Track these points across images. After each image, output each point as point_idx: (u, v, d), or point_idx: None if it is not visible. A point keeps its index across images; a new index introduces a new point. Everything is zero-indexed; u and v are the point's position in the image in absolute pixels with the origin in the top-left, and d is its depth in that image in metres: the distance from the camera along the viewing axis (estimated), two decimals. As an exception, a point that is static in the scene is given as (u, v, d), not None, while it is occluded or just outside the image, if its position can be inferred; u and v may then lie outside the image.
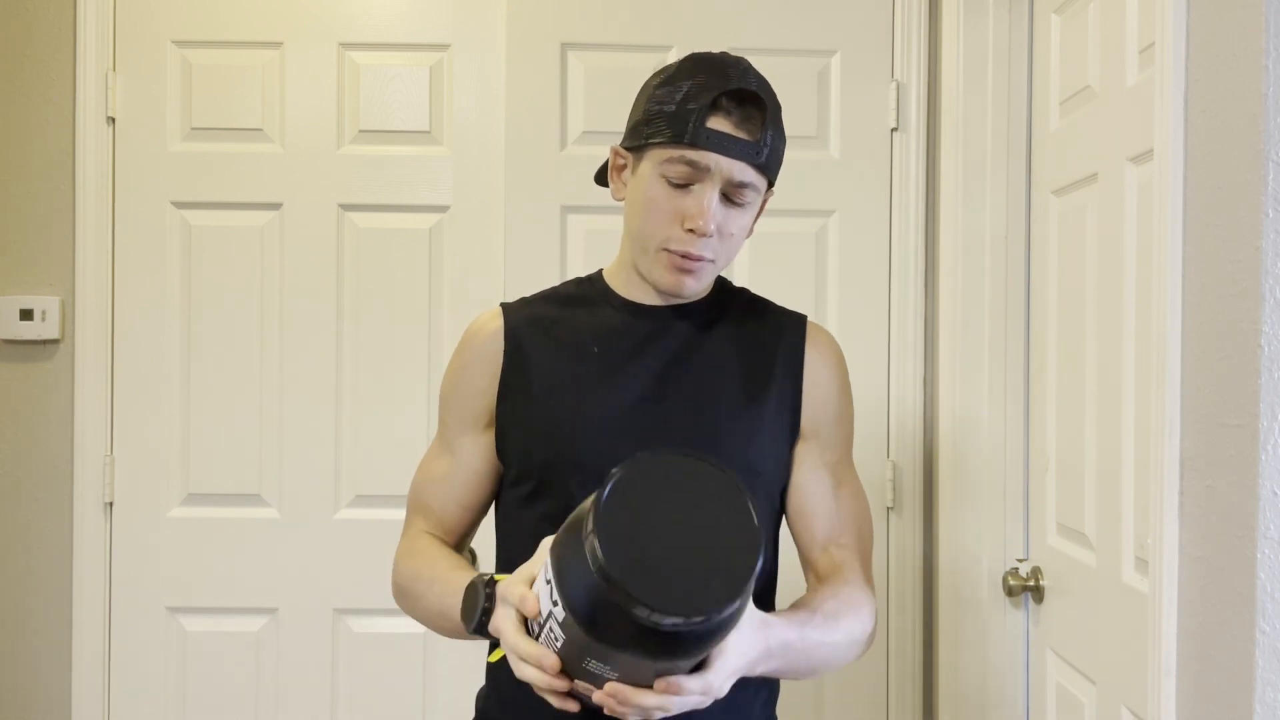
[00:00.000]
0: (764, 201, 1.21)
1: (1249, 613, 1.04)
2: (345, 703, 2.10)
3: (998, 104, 1.95)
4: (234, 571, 2.10)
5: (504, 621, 0.95)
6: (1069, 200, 1.77)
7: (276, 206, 2.11)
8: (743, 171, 1.13)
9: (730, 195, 1.14)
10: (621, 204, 1.23)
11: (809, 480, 1.24)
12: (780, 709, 1.22)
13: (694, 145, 1.12)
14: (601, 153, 2.06)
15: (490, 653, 1.12)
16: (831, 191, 2.12)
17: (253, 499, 2.11)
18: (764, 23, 2.11)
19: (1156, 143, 1.21)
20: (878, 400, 2.12)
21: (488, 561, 1.28)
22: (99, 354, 2.09)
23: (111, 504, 2.10)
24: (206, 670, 2.10)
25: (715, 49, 2.11)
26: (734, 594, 0.82)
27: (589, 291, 1.27)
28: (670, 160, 1.13)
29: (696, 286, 1.19)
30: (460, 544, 1.29)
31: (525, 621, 0.94)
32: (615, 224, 2.12)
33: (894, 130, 2.12)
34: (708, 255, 1.15)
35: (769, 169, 1.16)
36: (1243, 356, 1.05)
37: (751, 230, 1.21)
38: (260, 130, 2.11)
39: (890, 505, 2.12)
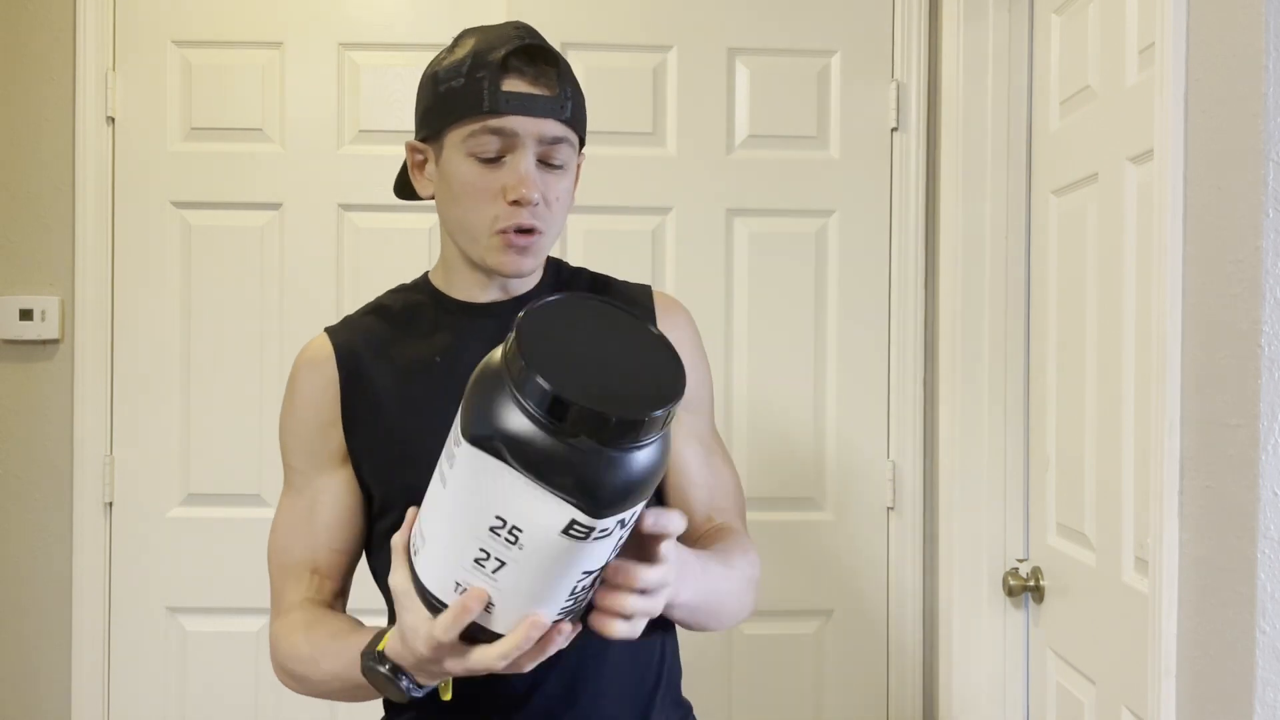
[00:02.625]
0: (578, 166, 1.16)
1: (1249, 613, 1.04)
2: (345, 703, 2.10)
3: (998, 104, 1.95)
4: (234, 571, 2.10)
5: (444, 658, 0.86)
6: (1069, 200, 1.77)
7: (276, 206, 2.11)
8: (554, 128, 1.08)
9: (545, 158, 1.09)
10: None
11: (682, 452, 1.18)
12: (780, 708, 1.22)
13: (495, 112, 1.05)
14: (602, 152, 2.07)
15: (442, 692, 1.00)
16: (831, 191, 2.12)
17: (253, 499, 2.11)
18: (764, 23, 2.11)
19: (1156, 143, 1.21)
20: (878, 400, 2.12)
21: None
22: (99, 354, 2.09)
23: (111, 504, 2.10)
24: (206, 670, 2.10)
25: (716, 49, 2.14)
26: (675, 394, 0.79)
27: (418, 299, 1.19)
28: (474, 134, 1.06)
29: (533, 264, 1.12)
30: (344, 588, 1.19)
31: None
32: (616, 223, 2.13)
33: (894, 130, 2.12)
34: (539, 225, 1.09)
35: (576, 123, 1.11)
36: (1243, 356, 1.05)
37: (572, 200, 1.15)
38: (260, 130, 2.11)
39: (890, 505, 2.12)
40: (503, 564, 0.81)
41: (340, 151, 2.12)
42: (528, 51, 1.08)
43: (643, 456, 0.79)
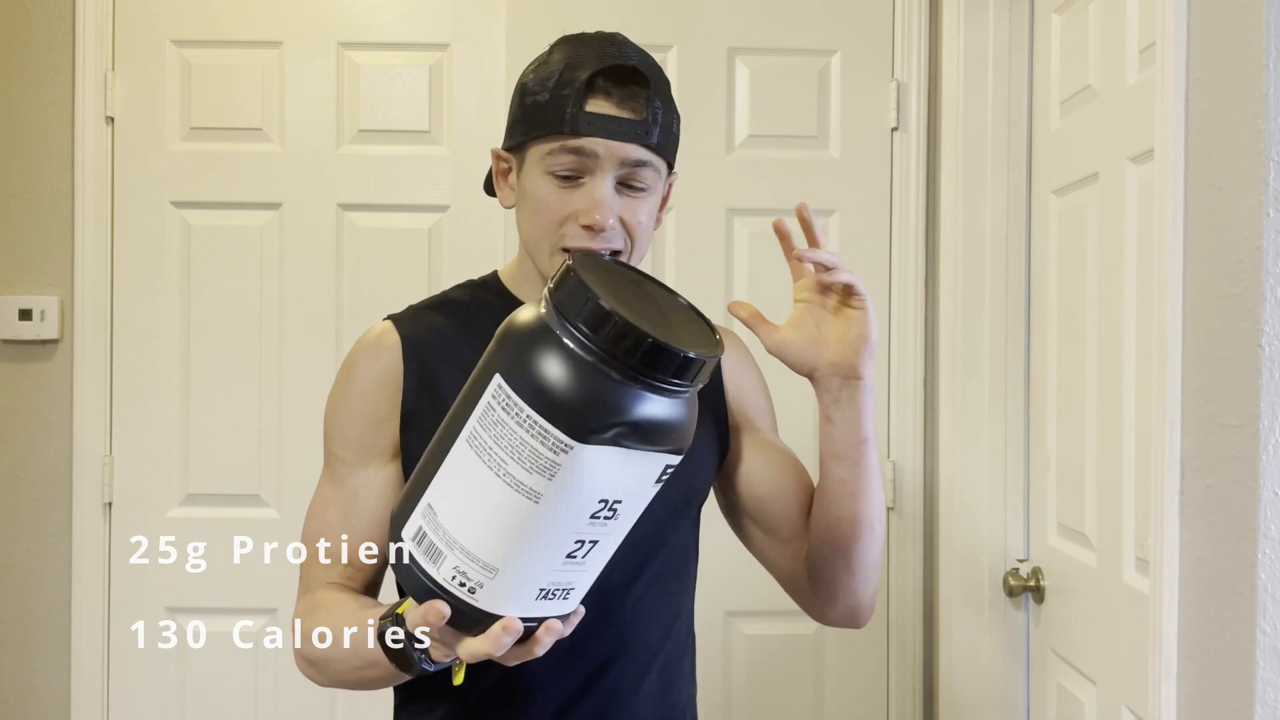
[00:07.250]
0: (669, 188, 1.12)
1: (1249, 613, 1.04)
2: (344, 703, 2.10)
3: (998, 104, 1.95)
4: (234, 571, 2.10)
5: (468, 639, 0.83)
6: (1069, 200, 1.77)
7: (276, 206, 2.11)
8: (636, 152, 1.03)
9: (626, 180, 1.05)
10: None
11: (768, 456, 1.16)
12: (780, 708, 1.22)
13: (575, 133, 1.02)
14: (601, 152, 2.07)
15: (455, 675, 0.95)
16: (831, 191, 2.12)
17: (252, 499, 2.11)
18: (764, 23, 2.11)
19: (1157, 143, 1.21)
20: (878, 400, 2.12)
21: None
22: (98, 354, 2.09)
23: (111, 504, 2.10)
24: (206, 670, 2.10)
25: (715, 49, 2.14)
26: (715, 345, 0.82)
27: (488, 298, 1.15)
28: (553, 153, 1.03)
29: None
30: (377, 582, 1.14)
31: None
32: (615, 224, 2.13)
33: (894, 130, 2.12)
34: (615, 245, 1.05)
35: (664, 149, 1.06)
36: (1243, 356, 1.05)
37: (660, 220, 1.11)
38: (260, 130, 2.11)
39: (890, 505, 2.11)
40: (595, 544, 0.79)
41: (340, 151, 2.12)
42: (618, 72, 1.04)
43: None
